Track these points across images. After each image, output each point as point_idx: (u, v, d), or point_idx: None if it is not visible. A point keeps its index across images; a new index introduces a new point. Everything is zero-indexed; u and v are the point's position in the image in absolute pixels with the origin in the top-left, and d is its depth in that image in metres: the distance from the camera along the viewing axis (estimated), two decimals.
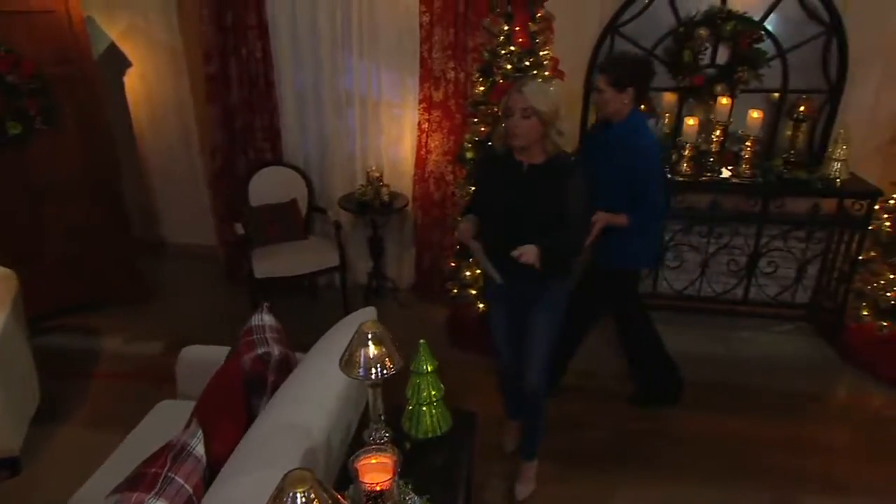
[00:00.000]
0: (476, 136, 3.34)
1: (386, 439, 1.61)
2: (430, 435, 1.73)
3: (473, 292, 3.51)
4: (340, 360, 1.54)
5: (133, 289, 4.05)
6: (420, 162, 3.98)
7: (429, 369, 1.70)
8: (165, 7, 4.06)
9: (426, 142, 3.91)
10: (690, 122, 3.40)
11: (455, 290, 3.60)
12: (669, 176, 3.52)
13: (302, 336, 2.39)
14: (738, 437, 2.94)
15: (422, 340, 1.71)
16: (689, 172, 3.48)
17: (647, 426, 3.01)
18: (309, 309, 4.12)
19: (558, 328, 2.39)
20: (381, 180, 3.85)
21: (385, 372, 1.50)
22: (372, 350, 1.49)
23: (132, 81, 4.36)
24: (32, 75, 3.27)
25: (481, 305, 3.46)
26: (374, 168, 3.92)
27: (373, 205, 3.79)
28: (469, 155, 3.38)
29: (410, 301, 4.18)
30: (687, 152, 3.45)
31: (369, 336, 1.49)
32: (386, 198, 3.82)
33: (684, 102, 3.64)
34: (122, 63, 4.28)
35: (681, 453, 2.84)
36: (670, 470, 2.74)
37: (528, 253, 2.06)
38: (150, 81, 4.34)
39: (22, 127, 3.31)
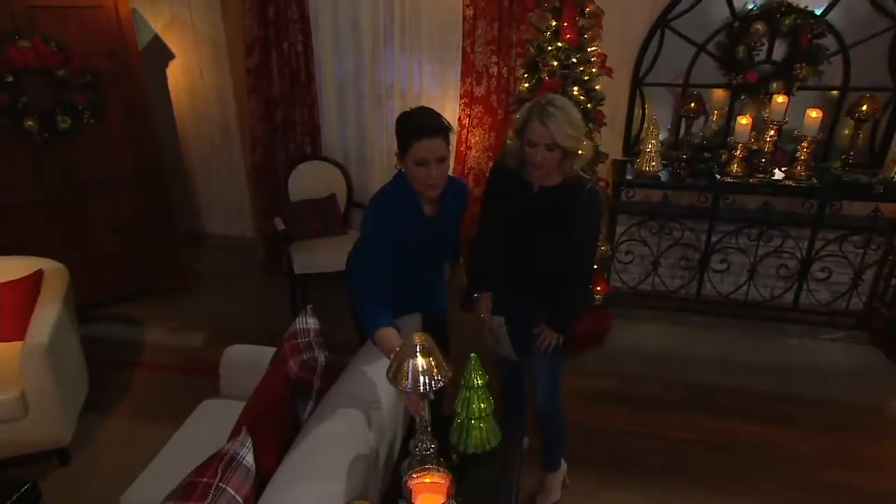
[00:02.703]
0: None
1: (433, 450, 1.59)
2: (478, 450, 1.70)
3: None
4: (388, 370, 1.52)
5: (175, 279, 4.12)
6: (460, 158, 3.92)
7: (479, 383, 1.67)
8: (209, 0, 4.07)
9: (466, 137, 3.86)
10: (743, 121, 3.26)
11: None
12: (718, 176, 3.42)
13: (338, 333, 2.39)
14: (788, 449, 2.84)
15: (473, 354, 1.67)
16: (740, 173, 3.35)
17: (692, 436, 2.93)
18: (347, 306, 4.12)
19: (563, 354, 2.31)
20: None
21: (434, 384, 1.47)
22: (420, 362, 1.46)
23: (175, 74, 4.40)
24: (82, 70, 3.31)
25: None
26: None
27: None
28: None
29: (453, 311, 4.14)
30: (738, 152, 3.33)
31: (418, 348, 1.47)
32: None
33: (736, 100, 3.50)
34: (165, 55, 4.31)
35: (728, 465, 2.75)
36: (717, 482, 2.66)
37: (551, 344, 2.14)
38: (192, 74, 4.37)
39: (71, 121, 3.36)
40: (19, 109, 3.21)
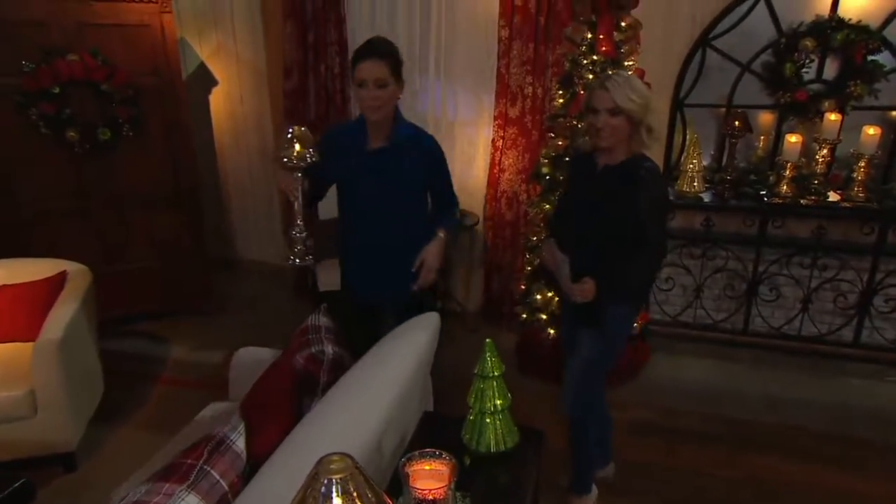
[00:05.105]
0: (553, 151, 3.18)
1: (304, 234, 2.01)
2: (492, 450, 1.51)
3: (545, 317, 3.28)
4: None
5: (203, 300, 4.09)
6: (493, 180, 3.84)
7: (495, 373, 1.50)
8: (253, 27, 4.20)
9: (500, 159, 3.78)
10: (792, 139, 3.08)
11: (525, 315, 3.39)
12: (766, 198, 3.22)
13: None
14: (846, 494, 2.51)
15: (488, 339, 1.52)
16: (790, 194, 3.15)
17: (736, 474, 2.64)
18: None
19: (605, 356, 2.18)
20: None
21: (298, 160, 1.90)
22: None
23: (217, 99, 4.52)
24: (125, 85, 3.41)
25: (552, 331, 3.22)
26: None
27: None
28: (545, 171, 3.22)
29: (478, 324, 3.97)
30: (788, 172, 3.14)
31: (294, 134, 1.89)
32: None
33: (784, 121, 3.33)
34: (209, 82, 4.45)
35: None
36: None
37: (586, 291, 1.98)
38: (233, 99, 4.48)
39: (111, 133, 3.43)
40: (63, 120, 3.31)
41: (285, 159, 1.94)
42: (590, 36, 2.97)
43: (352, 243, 2.33)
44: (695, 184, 3.28)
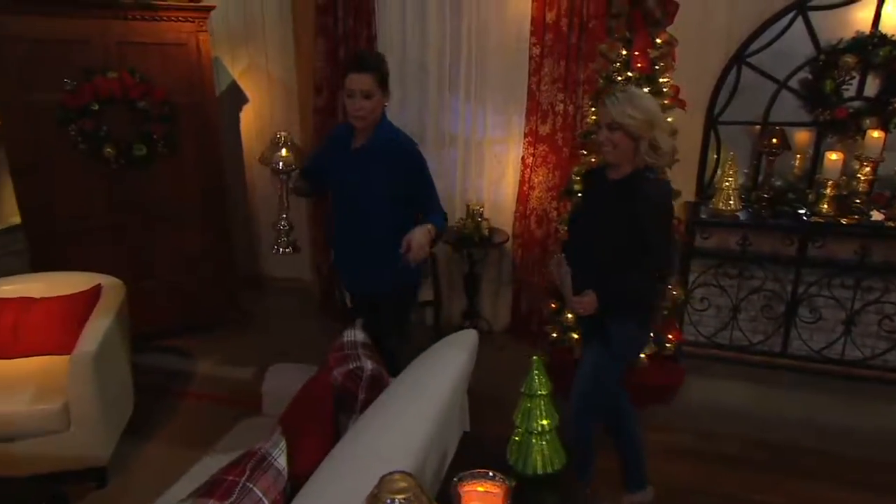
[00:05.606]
0: (586, 168, 3.14)
1: (288, 226, 2.55)
2: (539, 472, 1.46)
3: (576, 336, 3.22)
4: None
5: (231, 317, 4.09)
6: (522, 198, 3.81)
7: (542, 392, 1.46)
8: (284, 44, 4.26)
9: (530, 177, 3.76)
10: (833, 156, 3.02)
11: (555, 334, 3.33)
12: (805, 217, 3.14)
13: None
14: None
15: (535, 357, 1.47)
16: (831, 213, 3.07)
17: (778, 500, 2.53)
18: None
19: (608, 371, 2.17)
20: (481, 214, 3.71)
21: (284, 165, 2.34)
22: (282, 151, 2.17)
23: (247, 117, 4.57)
24: (161, 102, 3.46)
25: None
26: (474, 202, 3.79)
27: (472, 238, 3.64)
28: (577, 188, 3.19)
29: (506, 343, 3.92)
30: (828, 190, 3.07)
31: (282, 140, 2.21)
32: (486, 232, 3.66)
33: (822, 139, 3.27)
34: (240, 100, 4.51)
35: None
36: None
37: (586, 304, 1.99)
38: (263, 117, 4.53)
39: (146, 149, 3.48)
40: (101, 137, 3.36)
41: (274, 164, 2.35)
42: (625, 52, 2.96)
43: (336, 235, 2.50)
44: (731, 202, 3.22)
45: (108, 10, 3.28)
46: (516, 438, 1.51)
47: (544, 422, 1.47)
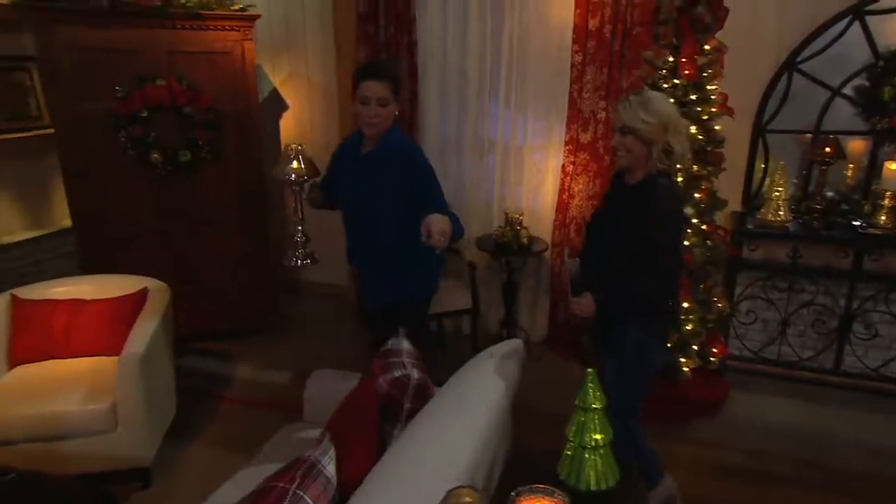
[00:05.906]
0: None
1: (304, 238, 2.53)
2: (593, 488, 1.42)
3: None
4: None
5: (270, 322, 4.13)
6: (562, 206, 3.77)
7: (596, 405, 1.42)
8: (326, 52, 4.30)
9: (569, 185, 3.71)
10: (893, 166, 2.91)
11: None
12: (861, 229, 3.03)
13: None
14: None
15: (590, 369, 1.44)
16: (889, 225, 2.95)
17: None
18: (435, 355, 3.95)
19: (632, 376, 2.12)
20: (520, 223, 3.68)
21: (296, 176, 2.31)
22: (294, 164, 2.10)
23: (288, 124, 4.63)
24: (206, 109, 3.53)
25: None
26: (513, 210, 3.76)
27: (510, 247, 3.61)
28: None
29: (543, 354, 3.87)
30: (886, 201, 2.95)
31: (294, 153, 2.15)
32: (525, 240, 3.63)
33: (879, 148, 3.15)
34: (281, 107, 4.57)
35: None
36: None
37: (584, 306, 1.98)
38: (303, 123, 4.59)
39: (191, 155, 3.55)
40: (149, 143, 3.44)
41: (286, 175, 2.36)
42: (671, 59, 2.90)
43: (349, 244, 2.50)
44: (780, 213, 3.13)
45: (158, 20, 3.37)
46: (568, 453, 1.47)
47: (598, 436, 1.43)
